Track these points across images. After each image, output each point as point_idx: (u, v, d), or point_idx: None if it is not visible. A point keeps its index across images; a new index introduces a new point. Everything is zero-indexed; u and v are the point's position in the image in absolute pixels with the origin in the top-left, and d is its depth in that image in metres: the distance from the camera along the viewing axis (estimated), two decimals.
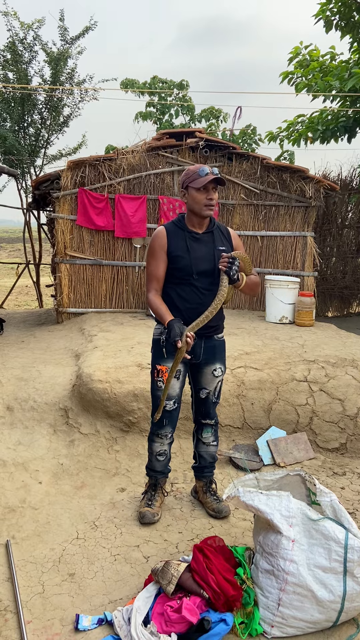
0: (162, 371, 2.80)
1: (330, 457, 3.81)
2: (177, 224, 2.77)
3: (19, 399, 3.97)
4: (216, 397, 2.94)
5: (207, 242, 2.73)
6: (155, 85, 13.16)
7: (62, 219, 6.62)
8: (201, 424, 3.01)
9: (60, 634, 2.10)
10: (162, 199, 6.80)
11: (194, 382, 2.96)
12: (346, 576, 2.09)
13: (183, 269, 2.70)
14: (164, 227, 2.76)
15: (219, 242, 2.75)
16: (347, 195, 8.60)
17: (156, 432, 2.91)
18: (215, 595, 2.10)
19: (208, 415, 2.98)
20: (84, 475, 3.43)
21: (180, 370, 2.81)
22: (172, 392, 2.82)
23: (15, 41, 10.61)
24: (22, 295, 14.16)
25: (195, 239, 2.72)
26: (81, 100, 11.48)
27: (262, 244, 7.14)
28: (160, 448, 2.94)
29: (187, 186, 2.66)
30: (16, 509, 3.02)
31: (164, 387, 2.69)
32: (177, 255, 2.70)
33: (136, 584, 2.38)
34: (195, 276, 2.70)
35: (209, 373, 2.87)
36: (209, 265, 2.70)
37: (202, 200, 2.63)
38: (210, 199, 2.63)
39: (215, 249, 2.72)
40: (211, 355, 2.84)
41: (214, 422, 3.01)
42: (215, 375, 2.89)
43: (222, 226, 2.85)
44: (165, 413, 2.85)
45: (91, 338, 5.21)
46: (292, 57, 8.83)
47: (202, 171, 2.59)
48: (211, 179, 2.58)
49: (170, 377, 2.61)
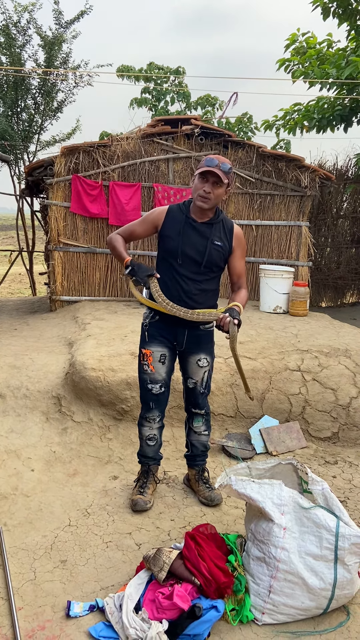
0: (147, 355, 2.81)
1: (323, 446, 3.83)
2: (181, 207, 2.74)
3: (11, 387, 3.95)
4: (204, 388, 2.93)
5: (204, 233, 2.68)
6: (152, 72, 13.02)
7: (55, 206, 6.56)
8: (192, 413, 3.01)
9: (51, 621, 2.10)
10: (156, 186, 6.74)
11: (182, 370, 2.95)
12: (337, 564, 2.10)
13: (169, 251, 2.68)
14: (168, 207, 2.75)
15: (216, 237, 2.69)
16: (343, 185, 8.57)
17: (144, 415, 2.92)
18: (206, 582, 2.11)
19: (197, 405, 2.97)
20: (76, 463, 3.43)
21: (165, 355, 2.81)
22: (157, 376, 2.82)
23: (8, 24, 10.44)
24: (15, 283, 14.08)
25: (192, 227, 2.68)
26: (75, 86, 11.35)
27: (257, 233, 7.11)
28: (150, 432, 2.94)
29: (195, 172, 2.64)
30: (8, 496, 3.01)
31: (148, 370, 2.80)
32: (167, 236, 2.68)
33: (128, 571, 2.39)
34: (179, 260, 2.66)
35: (193, 363, 2.86)
36: (198, 255, 2.66)
37: (199, 188, 2.59)
38: (206, 191, 2.57)
39: (210, 242, 2.67)
40: (195, 344, 2.81)
41: (204, 412, 3.00)
42: (200, 366, 2.86)
43: (228, 222, 2.77)
44: (152, 396, 2.85)
45: (85, 326, 5.18)
46: (288, 44, 8.73)
47: (208, 161, 2.55)
48: (205, 170, 2.53)
49: (130, 284, 2.70)
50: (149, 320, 2.80)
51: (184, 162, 6.90)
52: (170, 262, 2.69)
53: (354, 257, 9.04)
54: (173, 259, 2.68)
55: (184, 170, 6.91)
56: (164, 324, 2.75)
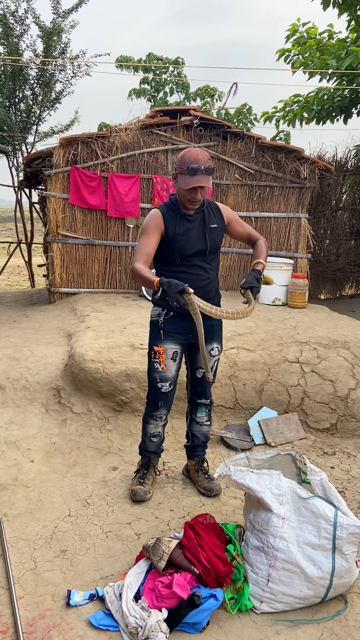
0: (160, 352, 2.79)
1: (321, 437, 3.84)
2: (169, 206, 2.73)
3: (10, 378, 3.95)
4: (213, 376, 2.95)
5: (199, 222, 2.71)
6: (151, 63, 12.92)
7: (54, 198, 6.54)
8: (196, 403, 3.02)
9: (52, 610, 2.12)
10: (155, 178, 6.72)
11: (190, 361, 2.96)
12: (335, 553, 2.12)
13: (179, 251, 2.68)
14: (159, 210, 2.72)
15: (211, 220, 2.74)
16: (342, 177, 8.55)
17: (151, 413, 2.92)
18: (205, 571, 2.13)
19: (204, 395, 2.99)
20: (76, 454, 3.44)
21: (177, 352, 2.81)
22: (168, 374, 2.82)
23: (6, 14, 10.33)
24: (14, 275, 14.05)
25: (188, 220, 2.70)
26: (74, 76, 11.26)
27: (256, 225, 7.09)
28: (155, 430, 2.95)
29: (177, 175, 2.61)
30: (8, 487, 3.03)
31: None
32: (173, 238, 2.67)
33: (127, 561, 2.41)
34: (190, 258, 2.70)
35: (206, 352, 2.87)
36: (202, 244, 2.71)
37: (186, 195, 2.60)
38: (194, 198, 2.60)
39: (206, 227, 2.71)
40: (209, 334, 2.82)
41: (209, 402, 3.02)
42: (212, 355, 2.90)
43: (212, 203, 2.81)
44: (161, 395, 2.85)
45: (84, 318, 5.18)
46: (289, 34, 8.67)
47: (192, 170, 2.51)
48: (196, 185, 2.52)
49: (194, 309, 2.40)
50: (164, 317, 2.77)
51: None
52: (179, 260, 2.70)
53: (353, 249, 9.03)
54: (184, 258, 2.70)
55: None
56: (180, 317, 2.74)
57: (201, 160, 2.52)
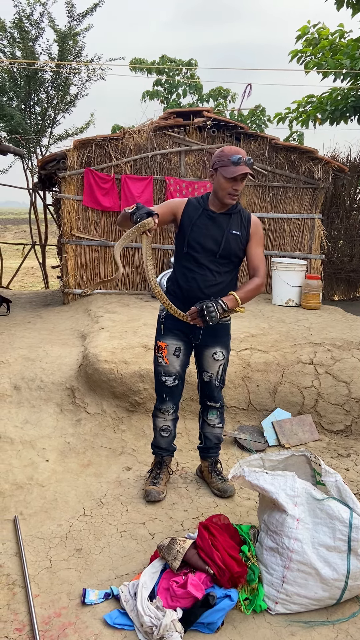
0: (162, 347, 2.84)
1: (335, 439, 3.82)
2: (198, 200, 2.75)
3: (25, 379, 3.99)
4: (219, 381, 2.94)
5: (221, 223, 2.69)
6: (164, 65, 12.95)
7: (68, 200, 6.58)
8: (206, 405, 3.02)
9: (67, 608, 2.14)
10: (168, 179, 6.73)
11: (197, 363, 2.97)
12: (350, 555, 2.11)
13: (186, 241, 2.69)
14: (188, 199, 2.75)
15: (235, 226, 2.70)
16: (356, 177, 8.49)
17: (158, 407, 2.96)
18: (220, 571, 2.13)
19: (212, 398, 2.99)
20: (90, 454, 3.46)
21: (180, 348, 2.83)
22: (171, 369, 2.84)
23: (22, 17, 10.43)
24: (28, 276, 14.17)
25: (210, 217, 2.69)
26: (88, 80, 11.33)
27: (269, 226, 7.08)
28: (163, 423, 2.97)
29: (217, 169, 2.60)
30: (24, 486, 3.06)
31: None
32: (185, 226, 2.69)
33: (142, 560, 2.42)
34: (199, 255, 2.69)
35: (209, 356, 2.87)
36: (214, 245, 2.68)
37: (227, 188, 2.58)
38: (236, 190, 2.59)
39: (227, 231, 2.68)
40: (211, 337, 2.82)
41: (219, 405, 3.02)
42: (216, 359, 2.88)
43: (245, 212, 2.77)
44: (166, 388, 2.88)
45: (97, 319, 5.21)
46: (299, 35, 8.65)
47: (235, 158, 2.52)
48: (241, 172, 2.51)
49: (124, 241, 2.44)
50: (166, 313, 2.82)
51: (196, 154, 6.88)
52: (186, 252, 2.71)
53: None
54: (190, 248, 2.70)
55: (196, 163, 6.90)
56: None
57: (242, 153, 2.57)
